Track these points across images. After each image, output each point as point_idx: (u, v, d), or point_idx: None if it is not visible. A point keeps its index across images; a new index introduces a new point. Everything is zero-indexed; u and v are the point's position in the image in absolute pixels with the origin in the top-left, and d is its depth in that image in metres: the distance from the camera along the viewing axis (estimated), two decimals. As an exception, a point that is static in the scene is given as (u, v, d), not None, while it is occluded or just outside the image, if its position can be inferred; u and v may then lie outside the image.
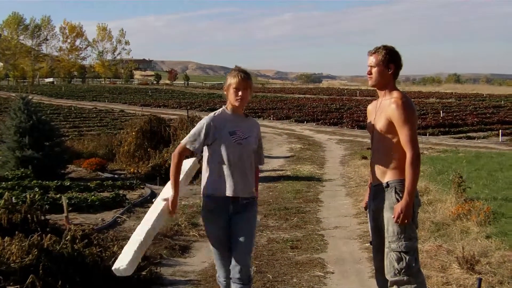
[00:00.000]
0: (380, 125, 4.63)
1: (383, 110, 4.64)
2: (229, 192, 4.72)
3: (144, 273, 6.42)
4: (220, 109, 4.88)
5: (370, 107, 4.99)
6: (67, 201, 9.08)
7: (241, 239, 4.77)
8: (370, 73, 4.71)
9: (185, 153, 4.78)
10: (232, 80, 4.76)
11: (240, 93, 4.74)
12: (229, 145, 4.70)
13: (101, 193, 11.63)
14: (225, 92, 4.84)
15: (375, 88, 4.80)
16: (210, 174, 4.79)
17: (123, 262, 4.46)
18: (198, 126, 4.75)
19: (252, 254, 5.10)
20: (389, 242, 4.60)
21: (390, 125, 4.56)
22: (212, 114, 4.84)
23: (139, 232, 4.70)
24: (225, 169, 4.72)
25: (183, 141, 4.71)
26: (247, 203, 4.84)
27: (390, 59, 4.64)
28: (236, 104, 4.79)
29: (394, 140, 4.58)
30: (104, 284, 6.00)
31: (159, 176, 13.90)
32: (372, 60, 4.68)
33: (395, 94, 4.64)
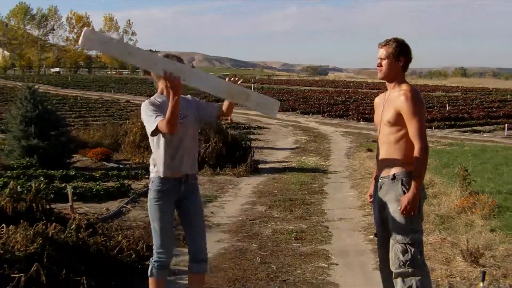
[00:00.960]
0: (388, 117, 4.62)
1: (392, 102, 4.62)
2: (183, 170, 4.88)
3: (148, 262, 6.42)
4: (152, 97, 4.92)
5: (377, 100, 4.97)
6: (72, 190, 9.10)
7: (197, 223, 5.05)
8: (380, 65, 4.68)
9: None
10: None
11: None
12: None
13: (106, 183, 11.66)
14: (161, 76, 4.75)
15: (384, 81, 4.78)
16: (160, 156, 4.85)
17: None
18: (147, 109, 4.74)
19: None
20: (394, 234, 4.60)
21: (399, 117, 4.54)
22: (148, 100, 4.87)
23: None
24: (172, 149, 4.81)
25: (155, 125, 4.65)
26: (194, 184, 5.02)
27: (400, 52, 4.62)
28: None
29: (402, 132, 4.57)
30: (108, 273, 6.02)
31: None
32: (382, 52, 4.66)
33: (404, 86, 4.62)
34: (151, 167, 4.94)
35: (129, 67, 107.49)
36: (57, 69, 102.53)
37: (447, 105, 38.53)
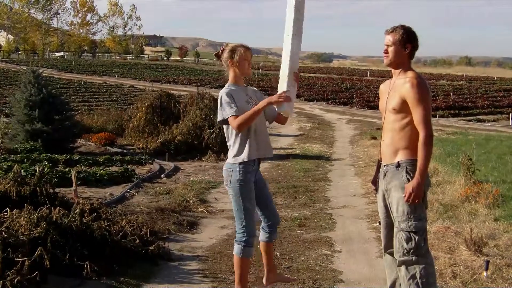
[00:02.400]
0: (393, 104, 4.59)
1: (397, 89, 4.59)
2: (261, 154, 5.17)
3: (152, 248, 6.43)
4: (227, 86, 5.06)
5: (382, 87, 4.94)
6: (76, 174, 9.11)
7: (269, 194, 5.38)
8: (386, 52, 4.65)
9: None
10: (245, 53, 5.05)
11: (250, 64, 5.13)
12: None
13: (110, 168, 11.67)
14: (229, 64, 5.07)
15: (390, 68, 4.75)
16: (243, 142, 5.02)
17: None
18: (225, 98, 4.93)
19: None
20: (398, 222, 4.58)
21: (404, 104, 4.52)
22: (224, 89, 5.01)
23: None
24: (253, 135, 5.02)
25: (232, 113, 4.88)
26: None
27: (407, 39, 4.59)
28: (249, 74, 5.18)
29: (407, 119, 4.54)
30: (112, 257, 6.02)
31: (168, 151, 13.95)
32: (389, 39, 4.62)
33: (410, 73, 4.59)
34: (233, 152, 5.06)
35: (133, 52, 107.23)
36: (61, 54, 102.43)
37: (451, 94, 38.44)
